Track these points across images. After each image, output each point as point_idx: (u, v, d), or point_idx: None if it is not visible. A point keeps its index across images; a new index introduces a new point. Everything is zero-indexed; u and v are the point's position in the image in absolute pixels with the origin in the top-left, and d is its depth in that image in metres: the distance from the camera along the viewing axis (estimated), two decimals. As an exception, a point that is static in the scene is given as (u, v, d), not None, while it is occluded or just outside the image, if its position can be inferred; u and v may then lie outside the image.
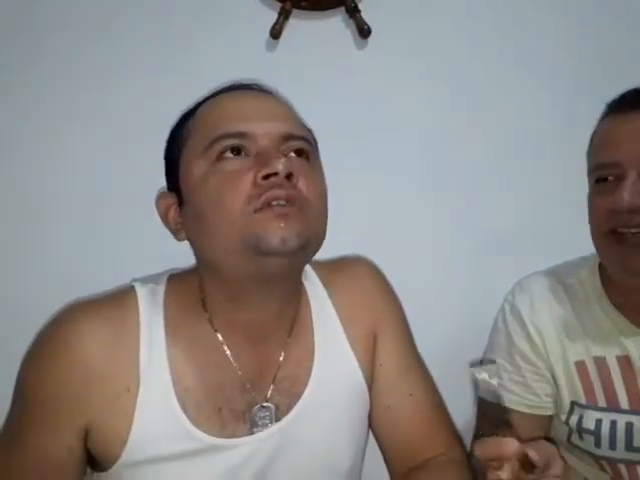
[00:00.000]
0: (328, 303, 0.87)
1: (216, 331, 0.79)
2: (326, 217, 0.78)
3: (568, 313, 0.95)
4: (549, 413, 0.96)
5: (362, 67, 1.20)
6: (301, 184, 0.73)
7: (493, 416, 0.63)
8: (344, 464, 0.83)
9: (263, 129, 0.74)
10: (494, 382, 0.63)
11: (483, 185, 1.24)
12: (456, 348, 1.14)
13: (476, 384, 0.63)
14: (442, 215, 1.24)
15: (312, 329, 0.84)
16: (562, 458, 0.63)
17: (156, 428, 0.74)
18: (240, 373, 0.79)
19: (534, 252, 1.11)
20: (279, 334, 0.81)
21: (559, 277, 0.99)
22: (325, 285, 0.88)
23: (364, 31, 1.17)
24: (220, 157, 0.73)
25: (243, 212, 0.70)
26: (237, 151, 0.73)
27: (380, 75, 1.21)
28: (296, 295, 0.84)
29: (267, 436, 0.78)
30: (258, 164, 0.72)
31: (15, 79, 1.12)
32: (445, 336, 1.20)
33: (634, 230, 0.81)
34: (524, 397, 0.96)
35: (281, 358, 0.81)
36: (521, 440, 0.60)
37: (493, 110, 1.23)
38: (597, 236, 0.88)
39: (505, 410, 0.63)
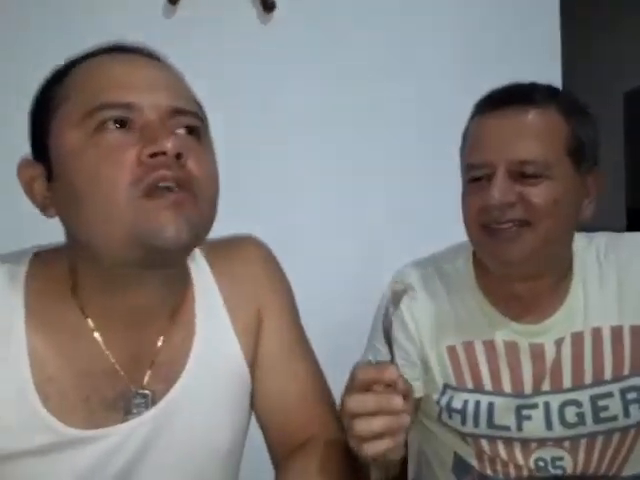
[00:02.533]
0: (213, 285, 0.82)
1: (87, 317, 0.73)
2: (217, 200, 0.73)
3: (442, 300, 0.99)
4: (417, 396, 0.99)
5: (265, 41, 1.16)
6: (191, 164, 0.67)
7: (387, 333, 0.69)
8: (222, 448, 0.81)
9: (151, 101, 0.67)
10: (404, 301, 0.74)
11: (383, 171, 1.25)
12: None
13: (391, 296, 0.72)
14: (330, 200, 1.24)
15: (195, 312, 0.80)
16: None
17: (12, 421, 0.68)
18: (113, 360, 0.73)
19: (422, 239, 1.13)
20: (160, 319, 0.76)
21: (436, 265, 1.02)
22: (211, 266, 0.83)
23: (268, 5, 1.13)
24: (100, 128, 0.65)
25: (129, 196, 0.64)
26: (121, 123, 0.66)
27: (282, 51, 1.18)
28: (181, 278, 0.79)
29: (140, 423, 0.73)
30: (144, 140, 0.65)
31: None
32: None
33: (504, 226, 0.86)
34: None
35: (160, 343, 0.76)
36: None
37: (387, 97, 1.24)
38: (471, 231, 0.92)
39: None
